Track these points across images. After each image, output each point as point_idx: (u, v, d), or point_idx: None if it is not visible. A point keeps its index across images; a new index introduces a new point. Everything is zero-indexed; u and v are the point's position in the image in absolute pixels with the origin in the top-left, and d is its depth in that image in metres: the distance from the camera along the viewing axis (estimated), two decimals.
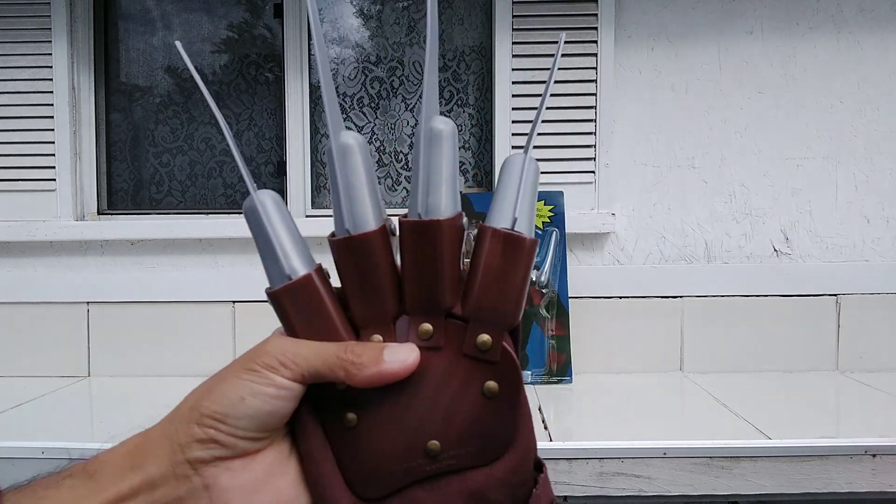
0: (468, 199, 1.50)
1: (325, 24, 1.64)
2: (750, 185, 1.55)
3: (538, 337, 1.42)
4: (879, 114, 1.53)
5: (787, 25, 1.53)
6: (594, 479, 1.01)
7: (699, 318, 1.52)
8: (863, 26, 1.52)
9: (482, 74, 1.63)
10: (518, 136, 1.52)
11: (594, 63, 1.50)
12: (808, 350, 1.52)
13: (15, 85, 1.53)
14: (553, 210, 1.48)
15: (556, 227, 1.47)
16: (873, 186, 1.54)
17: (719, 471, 1.01)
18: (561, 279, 1.44)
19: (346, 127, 1.65)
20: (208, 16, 1.65)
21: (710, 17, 1.53)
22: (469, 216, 1.48)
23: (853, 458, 1.01)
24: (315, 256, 0.39)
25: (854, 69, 1.53)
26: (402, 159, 1.65)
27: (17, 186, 1.55)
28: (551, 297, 1.44)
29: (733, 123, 1.54)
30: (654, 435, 1.06)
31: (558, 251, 1.46)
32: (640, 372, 1.48)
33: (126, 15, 1.65)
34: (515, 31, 1.50)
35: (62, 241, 1.54)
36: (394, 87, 1.65)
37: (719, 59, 1.54)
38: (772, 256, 1.55)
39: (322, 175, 1.65)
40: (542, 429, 1.10)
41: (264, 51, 1.66)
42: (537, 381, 1.40)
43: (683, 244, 1.56)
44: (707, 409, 1.23)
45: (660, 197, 1.55)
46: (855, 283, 1.52)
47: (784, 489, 1.00)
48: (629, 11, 1.52)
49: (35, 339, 1.54)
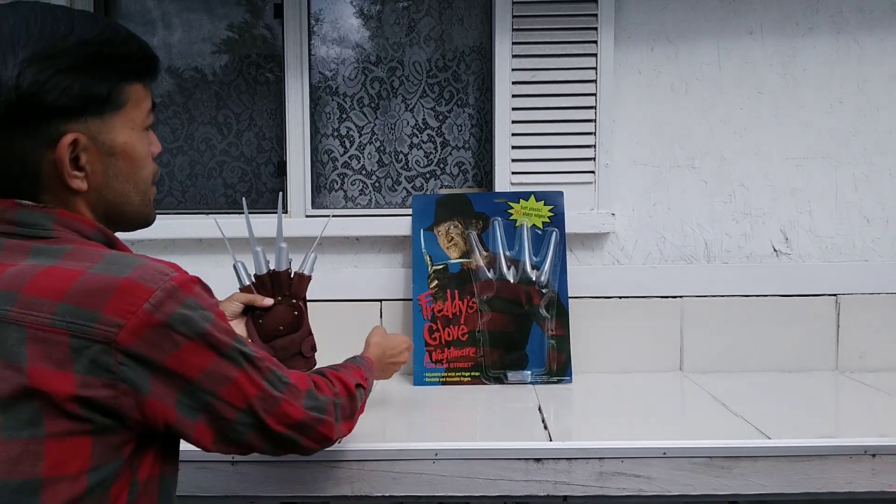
0: (468, 199, 1.50)
1: (325, 24, 1.64)
2: (749, 185, 1.55)
3: (538, 337, 1.42)
4: (879, 114, 1.53)
5: (787, 26, 1.53)
6: (594, 479, 1.01)
7: (699, 318, 1.53)
8: (862, 26, 1.52)
9: (482, 74, 1.63)
10: (518, 136, 1.53)
11: (594, 63, 1.51)
12: (807, 350, 1.52)
13: None
14: (553, 210, 1.48)
15: (555, 227, 1.47)
16: (873, 186, 1.55)
17: (719, 470, 1.01)
18: (560, 279, 1.45)
19: (346, 127, 1.65)
20: (208, 16, 1.65)
21: (710, 18, 1.53)
22: (469, 216, 1.48)
23: (852, 458, 1.01)
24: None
25: (854, 69, 1.53)
26: (402, 159, 1.65)
27: None
28: (551, 297, 1.44)
29: (733, 123, 1.54)
30: (654, 435, 1.06)
31: (558, 251, 1.46)
32: (640, 372, 1.48)
33: (126, 15, 1.65)
34: (515, 31, 1.51)
35: None
36: (394, 88, 1.65)
37: (719, 60, 1.54)
38: (771, 256, 1.55)
39: (322, 175, 1.66)
40: (541, 428, 1.10)
41: (264, 51, 1.66)
42: (537, 381, 1.40)
43: (683, 244, 1.56)
44: (707, 408, 1.24)
45: (659, 197, 1.56)
46: (854, 283, 1.53)
47: (783, 489, 1.01)
48: (629, 11, 1.53)
49: None
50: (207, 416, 0.69)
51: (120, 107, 0.71)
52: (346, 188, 1.66)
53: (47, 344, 0.61)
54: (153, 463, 0.69)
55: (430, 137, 1.65)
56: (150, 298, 0.63)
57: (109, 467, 0.64)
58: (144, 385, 0.64)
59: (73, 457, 0.62)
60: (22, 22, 0.64)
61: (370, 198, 1.66)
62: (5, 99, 0.62)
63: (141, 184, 0.75)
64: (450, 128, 1.65)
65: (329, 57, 1.65)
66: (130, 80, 0.71)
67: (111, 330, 0.62)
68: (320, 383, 0.83)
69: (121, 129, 0.71)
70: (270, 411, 0.73)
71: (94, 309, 0.62)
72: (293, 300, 1.17)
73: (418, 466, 1.01)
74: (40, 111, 0.64)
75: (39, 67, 0.63)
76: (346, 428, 0.87)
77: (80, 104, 0.67)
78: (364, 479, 1.01)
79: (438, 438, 1.04)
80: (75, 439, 0.62)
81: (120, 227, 0.76)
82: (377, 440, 1.04)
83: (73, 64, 0.65)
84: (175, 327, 0.65)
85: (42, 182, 0.68)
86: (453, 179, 1.65)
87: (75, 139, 0.66)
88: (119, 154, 0.71)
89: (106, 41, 0.68)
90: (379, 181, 1.66)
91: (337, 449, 1.01)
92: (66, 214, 0.69)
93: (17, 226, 0.67)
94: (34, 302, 0.62)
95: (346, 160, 1.66)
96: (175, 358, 0.65)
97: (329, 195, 1.66)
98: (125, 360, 0.63)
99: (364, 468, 1.01)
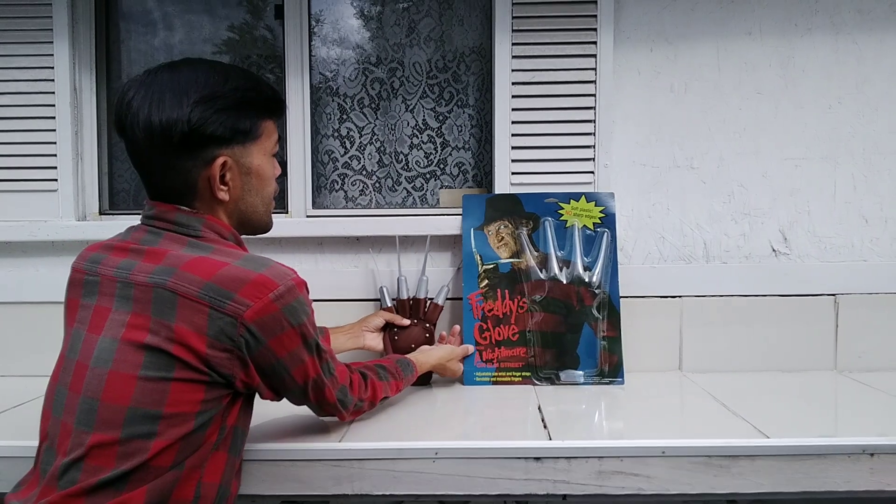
0: (518, 200, 1.49)
1: (325, 25, 1.65)
2: (748, 185, 1.55)
3: (589, 338, 1.42)
4: (878, 114, 1.54)
5: (786, 26, 1.53)
6: (593, 478, 1.01)
7: (698, 318, 1.53)
8: (861, 27, 1.53)
9: (482, 75, 1.64)
10: (518, 136, 1.53)
11: (593, 63, 1.51)
12: (806, 350, 1.53)
13: (17, 86, 1.54)
14: (603, 211, 1.48)
15: (606, 229, 1.47)
16: (871, 186, 1.55)
17: (718, 469, 1.01)
18: (612, 280, 1.44)
19: (347, 128, 1.65)
20: (209, 17, 1.66)
21: (710, 18, 1.54)
22: (519, 216, 1.47)
23: (851, 458, 1.01)
24: (315, 256, 0.40)
25: (852, 70, 1.53)
26: (403, 159, 1.66)
27: (18, 187, 1.55)
28: (603, 298, 1.44)
29: (732, 124, 1.55)
30: (653, 434, 1.06)
31: (609, 252, 1.46)
32: (639, 371, 1.49)
33: (127, 16, 1.66)
34: (515, 31, 1.51)
35: (64, 241, 1.55)
36: (394, 88, 1.65)
37: (718, 60, 1.54)
38: (770, 256, 1.56)
39: (323, 175, 1.66)
40: (541, 427, 1.10)
41: (265, 51, 1.66)
42: (589, 382, 1.39)
43: (682, 244, 1.56)
44: (706, 408, 1.24)
45: (659, 197, 1.56)
46: (853, 283, 1.53)
47: (782, 488, 1.01)
48: (628, 12, 1.53)
49: (36, 339, 1.54)
50: (276, 381, 0.90)
51: (257, 137, 0.94)
52: (346, 188, 1.66)
53: (191, 310, 0.82)
54: (237, 415, 0.89)
55: (430, 138, 1.66)
56: (276, 290, 0.85)
57: (211, 412, 0.84)
58: (251, 354, 0.85)
59: (188, 399, 0.82)
60: (192, 74, 0.88)
61: (370, 198, 1.66)
62: (180, 129, 0.85)
63: (266, 198, 0.98)
64: (450, 128, 1.65)
65: (329, 58, 1.65)
66: (265, 118, 0.95)
67: (241, 308, 0.83)
68: (355, 384, 1.05)
69: (256, 154, 0.94)
70: (315, 390, 0.95)
71: (232, 291, 0.82)
72: (427, 324, 1.44)
73: (418, 465, 1.01)
74: (202, 139, 0.87)
75: (204, 107, 0.86)
76: (351, 416, 1.08)
77: (231, 134, 0.89)
78: (364, 478, 1.01)
79: (440, 438, 1.05)
80: (194, 386, 0.82)
81: (247, 232, 0.99)
82: (402, 439, 1.05)
83: (228, 105, 0.88)
84: (286, 315, 0.86)
85: (197, 193, 0.90)
86: (453, 180, 1.66)
87: (225, 161, 0.90)
88: (254, 174, 0.94)
89: (251, 88, 0.91)
90: (379, 181, 1.66)
91: (337, 448, 1.02)
92: (211, 219, 0.92)
93: (175, 224, 0.90)
94: (188, 278, 0.83)
95: (347, 160, 1.66)
96: (277, 339, 0.86)
97: (329, 195, 1.66)
98: (245, 333, 0.83)
99: (364, 467, 1.01)
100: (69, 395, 0.84)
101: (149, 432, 0.80)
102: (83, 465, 0.79)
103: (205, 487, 0.85)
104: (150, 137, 0.85)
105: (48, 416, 0.87)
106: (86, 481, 0.79)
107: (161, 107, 0.85)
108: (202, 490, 0.85)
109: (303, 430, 1.09)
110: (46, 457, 0.85)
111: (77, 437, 0.81)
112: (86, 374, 0.83)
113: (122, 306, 0.84)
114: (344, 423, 1.10)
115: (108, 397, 0.80)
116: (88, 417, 0.81)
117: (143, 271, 0.85)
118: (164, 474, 0.81)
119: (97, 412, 0.80)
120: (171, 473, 0.81)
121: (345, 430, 1.09)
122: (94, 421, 0.80)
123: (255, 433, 1.05)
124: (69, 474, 0.80)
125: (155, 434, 0.80)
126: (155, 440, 0.80)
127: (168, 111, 0.85)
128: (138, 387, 0.80)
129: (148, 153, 0.87)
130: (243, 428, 0.93)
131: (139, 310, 0.83)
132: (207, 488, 0.85)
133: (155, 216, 0.91)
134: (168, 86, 0.86)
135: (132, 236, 0.91)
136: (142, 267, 0.85)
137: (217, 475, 0.87)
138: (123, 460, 0.79)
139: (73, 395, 0.83)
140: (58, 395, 0.86)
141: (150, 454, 0.79)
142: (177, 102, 0.85)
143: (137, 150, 0.88)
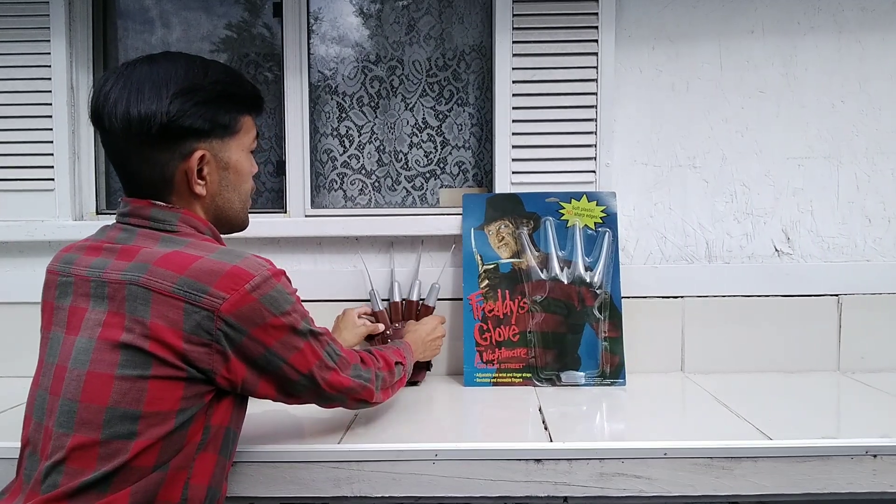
0: (519, 199, 1.48)
1: (324, 22, 1.64)
2: (751, 184, 1.54)
3: (591, 338, 1.41)
4: (881, 113, 1.53)
5: (789, 25, 1.52)
6: (594, 480, 1.00)
7: (700, 319, 1.52)
8: (864, 25, 1.52)
9: (482, 74, 1.63)
10: (518, 135, 1.52)
11: (594, 62, 1.50)
12: (809, 350, 1.52)
13: (13, 84, 1.53)
14: (605, 211, 1.47)
15: (608, 229, 1.46)
16: (875, 186, 1.54)
17: (720, 471, 1.00)
18: (614, 280, 1.44)
19: (346, 126, 1.64)
20: (207, 15, 1.65)
21: (711, 17, 1.53)
22: (520, 216, 1.47)
23: (854, 459, 1.00)
24: (315, 256, 0.40)
25: (855, 68, 1.53)
26: (402, 158, 1.65)
27: (15, 186, 1.54)
28: (604, 299, 1.43)
29: (734, 123, 1.54)
30: (655, 435, 1.06)
31: (610, 252, 1.45)
32: (641, 372, 1.48)
33: (125, 14, 1.65)
34: (516, 30, 1.50)
35: (60, 240, 1.54)
36: (393, 87, 1.64)
37: (720, 59, 1.53)
38: (773, 256, 1.55)
39: (321, 174, 1.65)
40: (542, 429, 1.10)
41: (263, 50, 1.65)
42: (591, 383, 1.38)
43: (684, 244, 1.55)
44: (708, 409, 1.23)
45: (660, 197, 1.55)
46: (856, 284, 1.52)
47: (785, 489, 1.00)
48: (630, 11, 1.52)
49: (35, 339, 1.53)
50: (274, 375, 0.88)
51: (236, 132, 0.93)
52: (345, 188, 1.65)
53: (166, 306, 0.80)
54: (224, 414, 0.87)
55: (429, 137, 1.65)
56: (251, 281, 0.83)
57: (192, 410, 0.82)
58: (232, 347, 0.83)
59: (167, 397, 0.80)
60: (171, 66, 0.87)
61: (370, 197, 1.66)
62: (158, 122, 0.84)
63: (243, 194, 0.97)
64: (450, 127, 1.64)
65: (328, 56, 1.64)
66: (245, 113, 0.94)
67: (216, 301, 0.81)
68: (366, 358, 1.02)
69: (235, 149, 0.93)
70: (325, 378, 0.92)
71: (207, 284, 0.81)
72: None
73: (418, 467, 1.01)
74: (181, 131, 0.86)
75: (183, 99, 0.85)
76: (384, 395, 1.05)
77: (210, 127, 0.88)
78: (364, 480, 1.00)
79: (440, 440, 1.04)
80: (172, 383, 0.80)
81: (223, 229, 0.97)
82: (407, 440, 1.04)
83: (208, 98, 0.88)
84: (265, 305, 0.83)
85: (174, 187, 0.89)
86: (453, 179, 1.65)
87: (203, 154, 0.89)
88: (231, 169, 0.93)
89: (231, 82, 0.91)
90: (378, 181, 1.65)
91: (337, 449, 1.01)
92: (188, 214, 0.90)
93: (150, 220, 0.89)
94: (161, 273, 0.81)
95: (346, 160, 1.65)
96: (261, 328, 0.84)
97: (328, 195, 1.65)
98: (222, 326, 0.81)
99: (364, 469, 1.00)
100: (49, 399, 0.83)
101: (129, 432, 0.78)
102: (64, 468, 0.78)
103: (192, 489, 0.83)
104: (128, 129, 0.84)
105: (29, 421, 0.86)
106: (67, 484, 0.77)
107: (140, 98, 0.84)
108: (189, 492, 0.83)
109: (301, 432, 1.08)
110: (29, 462, 0.84)
111: (58, 440, 0.80)
112: (65, 377, 0.82)
113: (98, 306, 0.83)
114: (374, 402, 1.02)
115: (87, 398, 0.79)
116: (68, 419, 0.80)
117: (116, 269, 0.83)
118: (148, 475, 0.79)
119: (77, 413, 0.79)
120: (155, 474, 0.80)
121: (344, 432, 1.08)
122: (73, 423, 0.79)
123: (252, 434, 1.05)
124: (51, 478, 0.79)
125: (135, 434, 0.78)
126: (135, 440, 0.78)
127: (147, 103, 0.84)
128: (116, 386, 0.79)
129: (125, 145, 0.86)
130: (234, 429, 0.90)
131: (114, 308, 0.82)
132: (195, 490, 0.84)
133: (130, 213, 0.89)
134: (147, 78, 0.85)
135: (107, 235, 0.90)
136: (115, 265, 0.84)
137: (206, 477, 0.85)
138: (104, 462, 0.78)
139: (54, 399, 0.82)
140: (38, 400, 0.85)
141: (131, 454, 0.78)
142: (156, 94, 0.84)
143: (114, 142, 0.87)
